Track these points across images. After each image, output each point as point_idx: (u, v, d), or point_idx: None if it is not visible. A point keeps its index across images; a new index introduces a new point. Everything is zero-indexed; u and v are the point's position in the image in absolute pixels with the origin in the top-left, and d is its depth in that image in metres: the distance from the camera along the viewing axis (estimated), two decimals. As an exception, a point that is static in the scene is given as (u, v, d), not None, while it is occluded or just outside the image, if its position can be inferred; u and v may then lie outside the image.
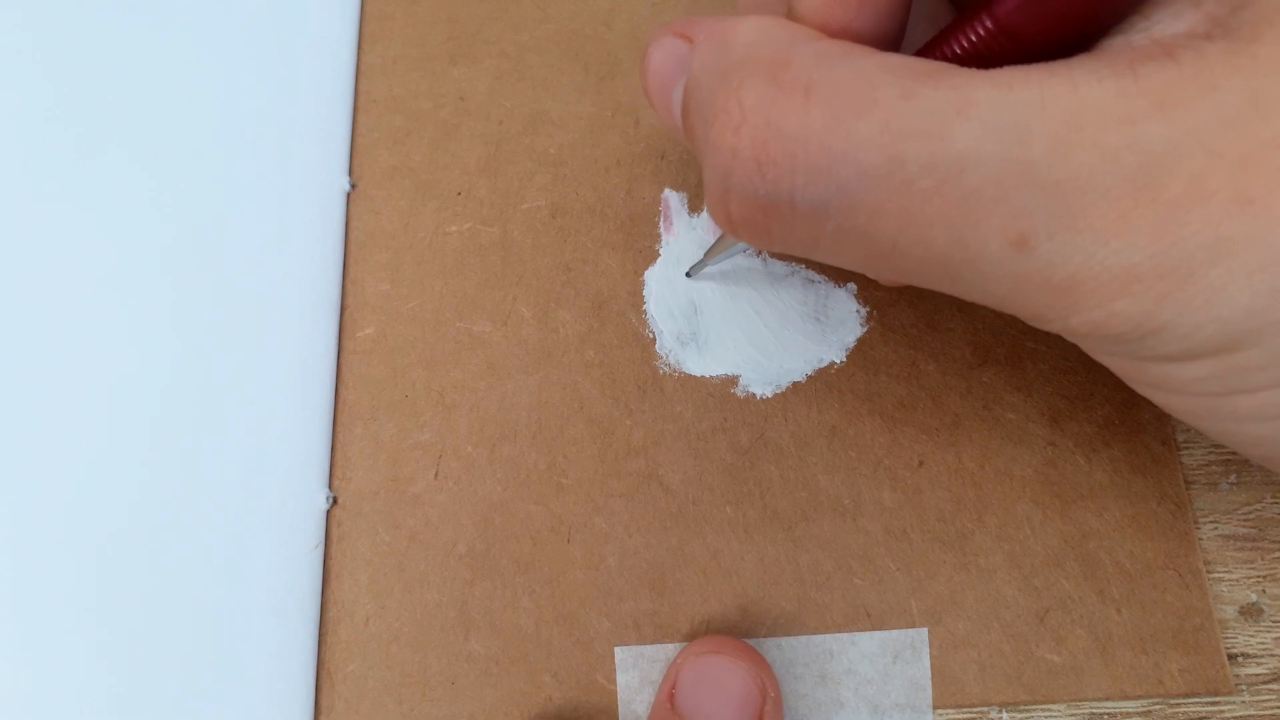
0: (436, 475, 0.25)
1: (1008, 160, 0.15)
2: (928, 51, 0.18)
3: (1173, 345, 0.16)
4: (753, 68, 0.17)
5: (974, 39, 0.17)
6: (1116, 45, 0.16)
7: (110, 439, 0.25)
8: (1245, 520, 0.24)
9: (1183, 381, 0.17)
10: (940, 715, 0.23)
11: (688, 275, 0.26)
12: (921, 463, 0.24)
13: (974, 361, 0.25)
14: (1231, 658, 0.23)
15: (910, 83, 0.16)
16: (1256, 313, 0.15)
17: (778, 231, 0.18)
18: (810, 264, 0.26)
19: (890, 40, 0.19)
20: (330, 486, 0.25)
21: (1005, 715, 0.23)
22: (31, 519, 0.25)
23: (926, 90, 0.15)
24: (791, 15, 0.19)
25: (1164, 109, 0.14)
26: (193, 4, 0.30)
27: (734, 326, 0.26)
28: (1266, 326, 0.15)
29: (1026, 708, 0.23)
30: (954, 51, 0.17)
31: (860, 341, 0.25)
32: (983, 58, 0.17)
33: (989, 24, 0.16)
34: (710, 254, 0.25)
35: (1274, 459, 0.18)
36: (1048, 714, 0.23)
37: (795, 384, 0.25)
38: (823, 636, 0.23)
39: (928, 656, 0.23)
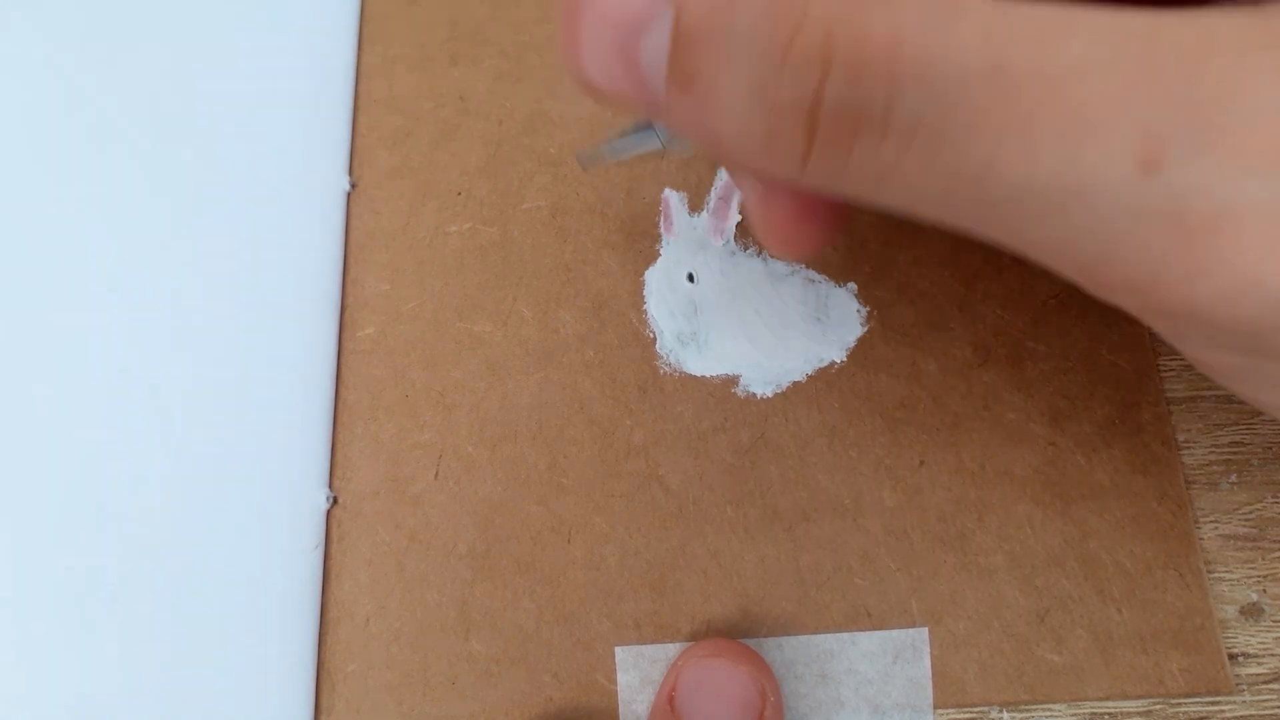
0: (437, 475, 0.25)
1: (1134, 67, 0.12)
2: None
3: None
4: None
5: None
6: None
7: (110, 439, 0.25)
8: (1246, 520, 0.24)
9: None
10: (941, 715, 0.23)
11: (581, 166, 0.25)
12: (922, 462, 0.24)
13: (974, 361, 0.25)
14: (1232, 657, 0.22)
15: None
16: None
17: (859, 154, 0.15)
18: (811, 264, 0.26)
19: None
20: (330, 486, 0.25)
21: (1006, 715, 0.23)
22: (31, 519, 0.25)
23: (1025, 2, 0.13)
24: None
25: None
26: (193, 4, 0.30)
27: (734, 326, 0.26)
28: None
29: (1027, 708, 0.23)
30: None
31: (861, 341, 0.25)
32: None
33: None
34: (614, 147, 0.22)
35: None
36: (1048, 714, 0.23)
37: (796, 384, 0.25)
38: (823, 636, 0.23)
39: (928, 656, 0.23)
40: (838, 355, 0.25)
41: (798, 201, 0.19)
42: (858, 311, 0.26)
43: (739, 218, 0.26)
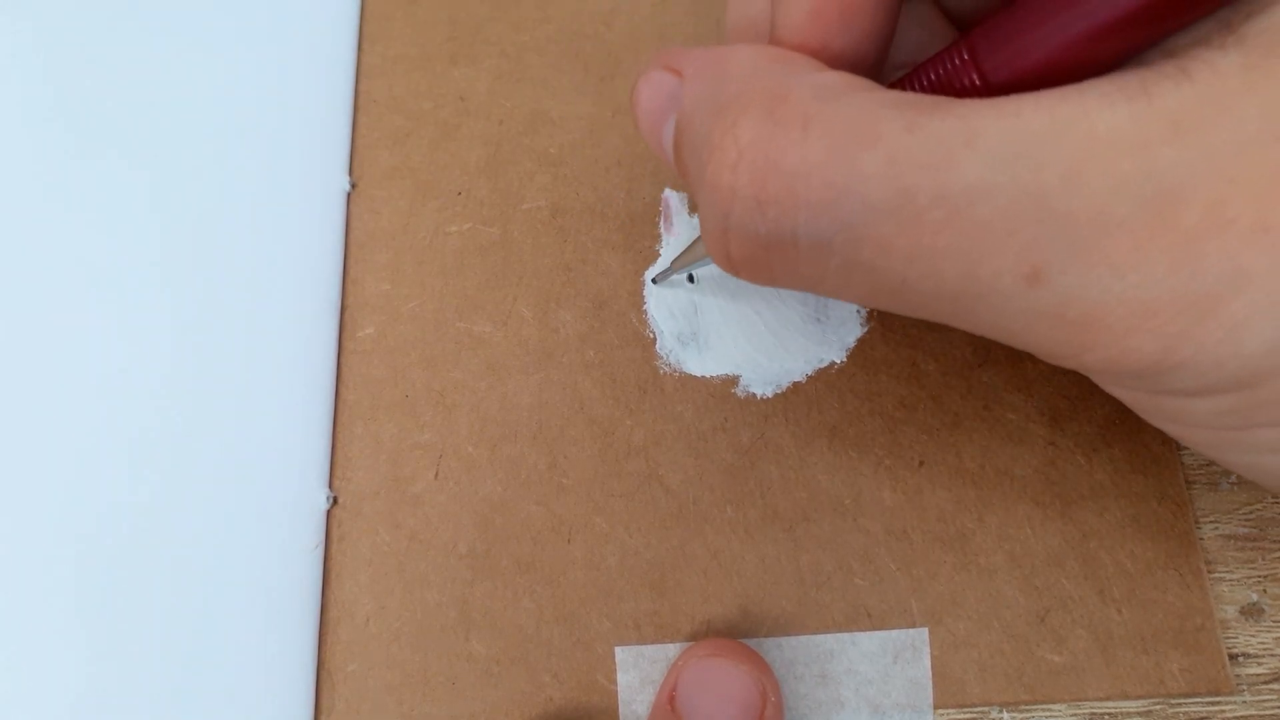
0: (437, 475, 0.25)
1: (1019, 190, 0.14)
2: (907, 82, 0.18)
3: (1191, 381, 0.15)
4: (747, 102, 0.16)
5: (950, 67, 0.16)
6: (1128, 61, 0.15)
7: (110, 439, 0.25)
8: (1246, 520, 0.24)
9: (1200, 415, 0.16)
10: (941, 715, 0.23)
11: (654, 281, 0.26)
12: (922, 463, 0.24)
13: (974, 361, 0.25)
14: (1232, 658, 0.22)
15: (913, 115, 0.15)
16: (1279, 347, 0.14)
17: (780, 270, 0.17)
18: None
19: (870, 64, 0.18)
20: (330, 486, 0.25)
21: (1006, 715, 0.23)
22: (31, 519, 0.25)
23: (932, 122, 0.15)
24: (773, 36, 0.18)
25: (1179, 132, 0.14)
26: (193, 4, 0.30)
27: (734, 327, 0.26)
28: None
29: (1027, 708, 0.23)
30: (930, 80, 0.17)
31: (861, 341, 0.25)
32: (964, 90, 0.16)
33: (965, 56, 0.16)
34: (679, 262, 0.25)
35: None
36: (1048, 714, 0.23)
37: (796, 384, 0.25)
38: (823, 636, 0.23)
39: (928, 656, 0.23)
40: (838, 356, 0.25)
41: None
42: (857, 312, 0.26)
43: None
